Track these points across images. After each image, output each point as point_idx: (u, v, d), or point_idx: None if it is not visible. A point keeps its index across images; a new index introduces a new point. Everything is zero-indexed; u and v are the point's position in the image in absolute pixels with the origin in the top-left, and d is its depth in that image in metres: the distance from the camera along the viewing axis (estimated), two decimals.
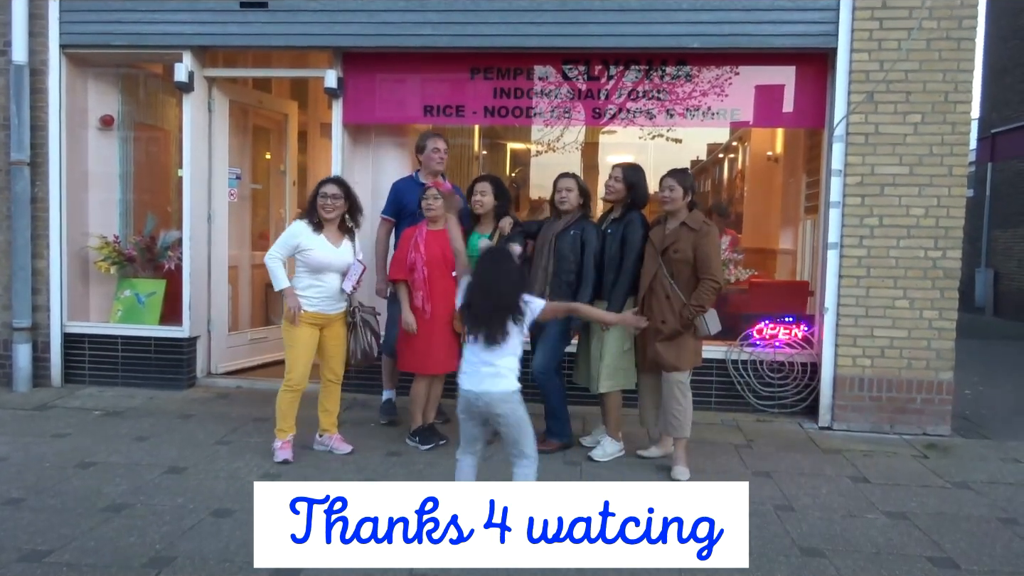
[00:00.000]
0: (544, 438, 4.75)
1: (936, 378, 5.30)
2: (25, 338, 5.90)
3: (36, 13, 5.81)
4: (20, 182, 5.80)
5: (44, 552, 3.23)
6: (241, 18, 5.71)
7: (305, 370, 4.43)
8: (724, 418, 5.58)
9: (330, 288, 4.42)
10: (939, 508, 4.00)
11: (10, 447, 4.58)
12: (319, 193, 4.41)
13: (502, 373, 3.20)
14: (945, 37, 5.18)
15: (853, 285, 5.33)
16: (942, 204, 5.24)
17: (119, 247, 6.18)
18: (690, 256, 4.28)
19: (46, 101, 5.88)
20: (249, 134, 6.82)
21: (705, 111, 5.69)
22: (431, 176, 5.09)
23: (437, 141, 5.09)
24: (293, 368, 4.40)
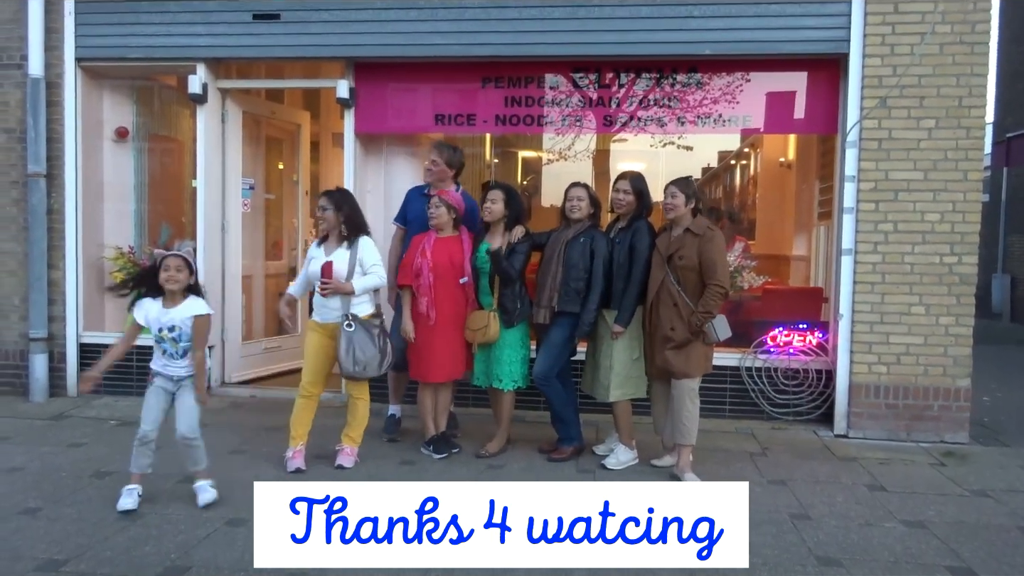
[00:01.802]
0: (556, 446, 4.75)
1: (953, 385, 5.25)
2: (41, 348, 5.95)
3: (52, 27, 5.89)
4: (36, 194, 5.87)
5: (61, 561, 3.25)
6: (254, 30, 5.76)
7: (314, 376, 4.42)
8: (738, 426, 5.54)
9: (317, 295, 4.44)
10: (958, 517, 3.95)
11: (27, 457, 4.61)
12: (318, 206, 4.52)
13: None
14: (958, 41, 5.15)
15: (868, 291, 5.29)
16: (957, 209, 5.20)
17: (134, 258, 6.22)
18: (695, 262, 4.26)
19: (62, 114, 5.95)
20: (262, 144, 6.87)
21: (716, 118, 5.68)
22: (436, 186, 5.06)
23: (431, 152, 5.08)
24: (304, 373, 4.46)
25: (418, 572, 3.11)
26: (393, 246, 5.21)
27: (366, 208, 5.97)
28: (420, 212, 4.86)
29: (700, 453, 4.56)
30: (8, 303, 6.09)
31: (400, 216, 5.20)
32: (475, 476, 4.36)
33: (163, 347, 3.82)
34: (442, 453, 4.67)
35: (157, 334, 3.80)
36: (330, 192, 4.56)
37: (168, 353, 3.82)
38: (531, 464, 4.61)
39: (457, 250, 4.62)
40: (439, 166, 4.95)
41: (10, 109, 5.99)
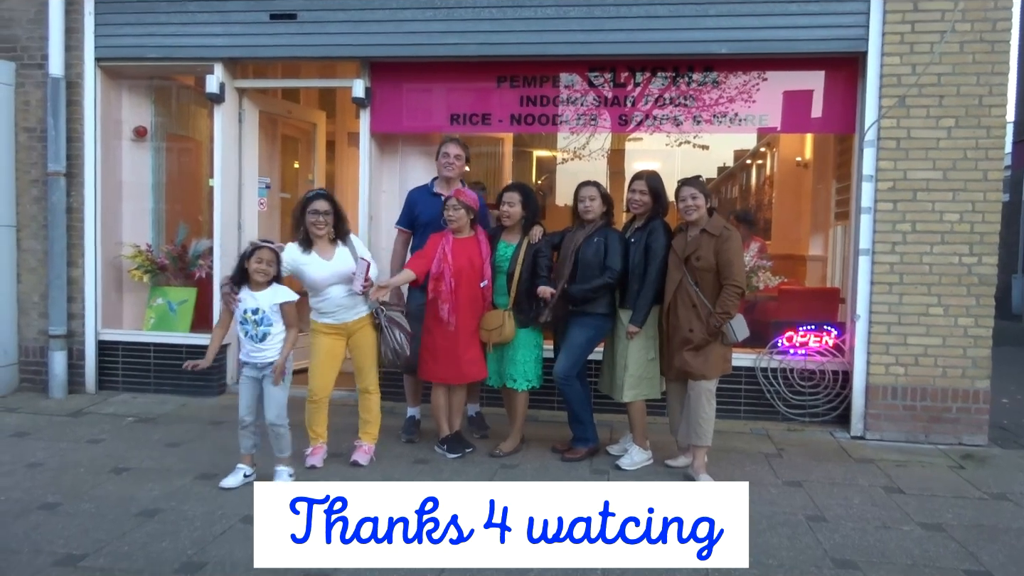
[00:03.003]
0: (570, 446, 4.75)
1: (972, 387, 5.19)
2: (61, 345, 6.01)
3: (72, 27, 5.95)
4: (56, 192, 5.93)
5: (79, 556, 3.28)
6: (271, 30, 5.79)
7: (324, 380, 4.39)
8: (754, 427, 5.51)
9: (336, 298, 4.31)
10: (976, 520, 3.91)
11: (46, 452, 4.66)
12: (308, 210, 4.24)
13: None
14: (979, 40, 5.10)
15: (886, 292, 5.24)
16: (977, 209, 5.14)
17: (152, 256, 6.28)
18: (712, 263, 4.23)
19: (81, 113, 6.02)
20: (278, 144, 6.91)
21: (732, 117, 5.65)
22: (445, 183, 4.94)
23: (449, 146, 4.89)
24: (312, 379, 4.40)
25: (418, 572, 3.12)
26: (396, 250, 5.07)
27: (380, 208, 6.03)
28: (433, 213, 4.77)
29: (715, 454, 4.54)
30: (28, 300, 6.16)
31: (405, 219, 5.03)
32: (489, 476, 4.37)
33: (245, 329, 4.02)
34: (456, 452, 4.68)
35: (242, 315, 4.01)
36: (328, 195, 4.35)
37: (249, 335, 4.01)
38: (545, 464, 4.60)
39: (476, 252, 4.57)
40: (462, 160, 4.92)
41: (31, 108, 6.06)
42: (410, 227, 5.02)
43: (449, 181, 4.93)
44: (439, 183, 5.00)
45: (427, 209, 4.90)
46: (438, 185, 5.00)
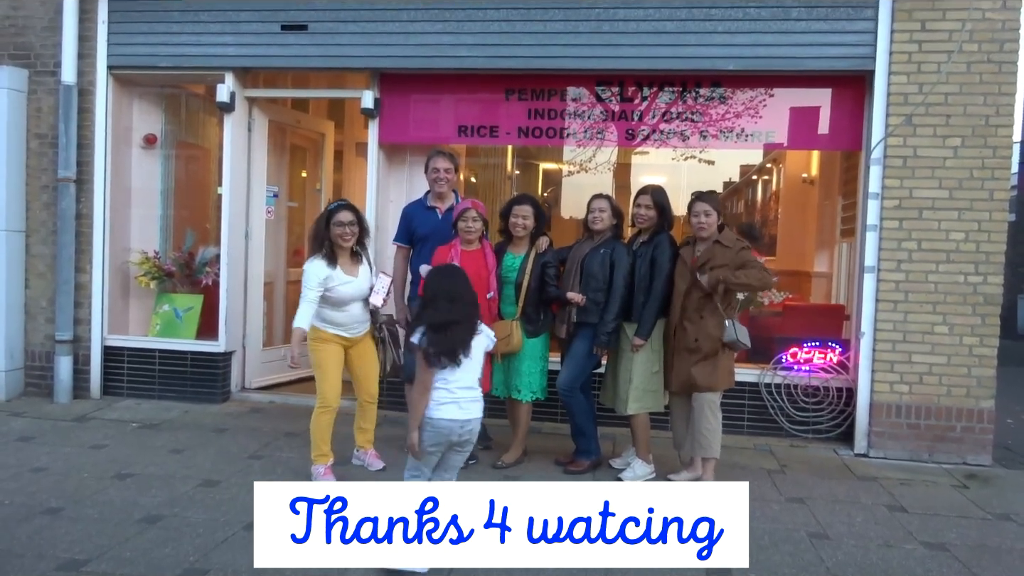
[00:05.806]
0: (573, 459, 4.74)
1: (977, 406, 5.18)
2: (67, 350, 6.03)
3: (85, 35, 6.01)
4: (66, 198, 5.97)
5: (82, 561, 3.29)
6: (282, 40, 5.84)
7: (336, 387, 4.39)
8: (757, 443, 5.50)
9: (354, 314, 4.34)
10: (980, 540, 3.90)
11: (50, 457, 4.68)
12: (333, 222, 4.18)
13: (479, 394, 3.27)
14: (986, 60, 5.11)
15: (890, 310, 5.24)
16: (983, 229, 5.14)
17: (159, 262, 6.32)
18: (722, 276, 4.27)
19: (93, 120, 6.06)
20: (287, 153, 6.96)
21: (739, 133, 5.67)
22: (438, 198, 4.92)
23: (438, 160, 4.83)
24: (323, 386, 4.34)
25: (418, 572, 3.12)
26: (398, 265, 5.04)
27: (388, 218, 6.05)
28: (434, 227, 4.79)
29: (718, 469, 4.53)
30: (36, 305, 6.19)
31: (403, 235, 4.98)
32: None
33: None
34: None
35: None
36: (351, 205, 4.36)
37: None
38: (547, 476, 4.59)
39: (482, 264, 4.57)
40: (452, 174, 4.89)
41: (43, 115, 6.11)
42: (408, 242, 5.01)
43: (442, 195, 4.92)
44: (432, 197, 4.96)
45: (424, 223, 4.89)
46: (432, 199, 4.96)
